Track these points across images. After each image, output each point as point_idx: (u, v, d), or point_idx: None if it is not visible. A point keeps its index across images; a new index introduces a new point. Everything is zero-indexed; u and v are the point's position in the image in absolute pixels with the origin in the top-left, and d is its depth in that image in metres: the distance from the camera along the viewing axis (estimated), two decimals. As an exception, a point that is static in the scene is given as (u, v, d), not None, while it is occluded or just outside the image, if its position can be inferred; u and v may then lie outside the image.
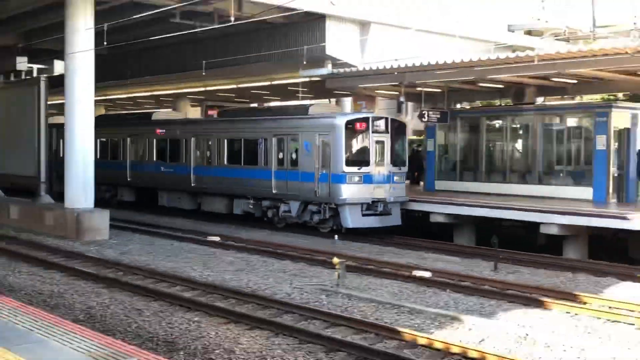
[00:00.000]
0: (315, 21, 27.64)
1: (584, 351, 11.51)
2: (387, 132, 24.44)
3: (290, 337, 12.17)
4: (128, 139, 33.21)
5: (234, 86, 37.36)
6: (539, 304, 14.66)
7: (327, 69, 27.95)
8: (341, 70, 27.25)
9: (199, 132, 30.05)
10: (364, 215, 23.75)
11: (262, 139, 26.21)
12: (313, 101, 33.46)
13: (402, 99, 27.04)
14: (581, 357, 11.26)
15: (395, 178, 24.47)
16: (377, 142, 24.21)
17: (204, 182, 28.93)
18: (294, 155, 25.09)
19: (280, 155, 25.41)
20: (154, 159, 32.06)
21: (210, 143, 29.05)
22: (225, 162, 28.08)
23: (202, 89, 42.26)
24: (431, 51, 29.26)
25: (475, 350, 11.12)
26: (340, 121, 23.90)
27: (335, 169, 23.54)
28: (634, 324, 13.21)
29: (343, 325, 12.94)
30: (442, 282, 16.80)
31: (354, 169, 23.59)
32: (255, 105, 44.77)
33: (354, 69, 26.96)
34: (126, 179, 33.24)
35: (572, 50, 19.73)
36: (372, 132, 24.12)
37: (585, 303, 14.82)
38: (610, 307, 14.41)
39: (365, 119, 24.27)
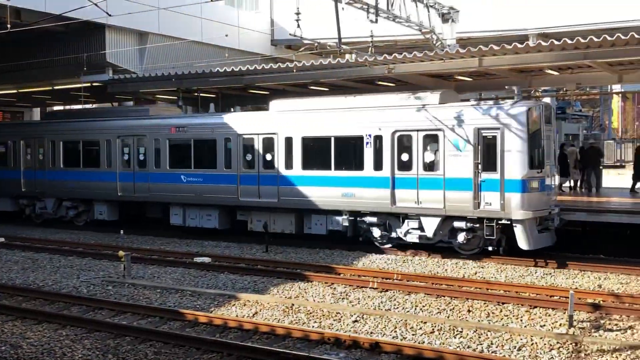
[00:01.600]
0: (95, 30, 26.41)
1: (339, 314, 12.33)
2: (551, 124, 18.18)
3: (78, 327, 11.60)
4: None
5: (15, 91, 34.26)
6: (303, 278, 15.39)
7: (108, 75, 26.83)
8: (122, 76, 26.28)
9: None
10: (539, 232, 17.07)
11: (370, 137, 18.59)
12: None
13: (180, 102, 26.74)
14: (337, 318, 12.04)
15: (551, 183, 17.98)
16: (547, 137, 17.75)
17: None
18: (431, 157, 17.70)
19: (405, 158, 18.04)
20: None
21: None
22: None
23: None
24: (205, 60, 29.34)
25: (249, 322, 11.42)
26: (518, 110, 16.80)
27: (511, 173, 16.73)
28: (376, 288, 14.38)
29: (130, 312, 12.60)
30: (221, 265, 16.96)
31: (534, 172, 16.88)
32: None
33: (134, 75, 26.15)
34: None
35: (324, 62, 20.88)
36: (545, 123, 17.50)
37: (340, 274, 15.83)
38: (359, 276, 15.54)
39: (543, 107, 17.64)
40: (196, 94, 26.04)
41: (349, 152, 19.08)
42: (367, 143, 18.53)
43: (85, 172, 24.46)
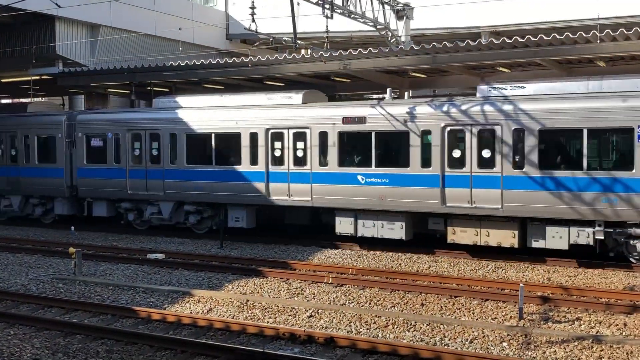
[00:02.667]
0: (44, 22, 25.71)
1: (294, 309, 12.33)
2: None
3: (27, 326, 11.31)
4: None
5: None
6: (259, 274, 15.33)
7: (58, 68, 26.17)
8: (72, 69, 25.68)
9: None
10: None
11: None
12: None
13: (133, 97, 26.29)
14: (292, 314, 12.04)
15: None
16: None
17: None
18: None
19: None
20: None
21: None
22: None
23: None
24: (158, 53, 28.92)
25: (203, 318, 11.32)
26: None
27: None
28: (331, 283, 14.44)
29: (81, 310, 12.36)
30: (175, 262, 16.76)
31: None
32: None
33: (85, 69, 25.58)
34: None
35: (279, 57, 20.81)
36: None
37: (295, 269, 15.83)
38: (314, 271, 15.57)
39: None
40: (149, 87, 25.66)
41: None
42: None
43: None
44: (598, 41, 16.73)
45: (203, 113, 20.40)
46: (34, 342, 10.44)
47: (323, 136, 18.45)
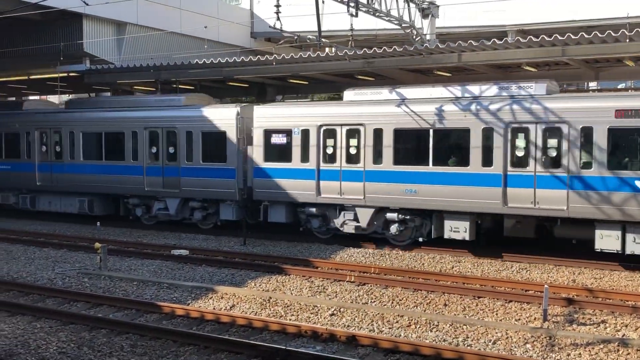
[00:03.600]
0: (72, 19, 26.05)
1: (316, 307, 12.35)
2: None
3: (53, 319, 11.49)
4: None
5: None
6: (281, 271, 15.39)
7: (85, 65, 26.50)
8: (99, 66, 25.99)
9: None
10: None
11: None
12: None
13: (158, 94, 26.52)
14: (314, 312, 12.06)
15: None
16: None
17: None
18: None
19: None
20: None
21: None
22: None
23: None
24: (184, 51, 29.15)
25: (226, 315, 11.40)
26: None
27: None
28: (353, 282, 14.44)
29: (106, 305, 12.51)
30: (198, 258, 16.89)
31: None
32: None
33: (112, 66, 25.88)
34: None
35: (303, 55, 20.85)
36: None
37: (317, 267, 15.86)
38: (336, 270, 15.58)
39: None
40: (174, 85, 25.87)
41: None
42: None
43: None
44: (627, 40, 16.48)
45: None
46: (59, 336, 10.60)
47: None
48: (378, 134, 17.99)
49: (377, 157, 18.00)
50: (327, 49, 21.32)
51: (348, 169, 18.48)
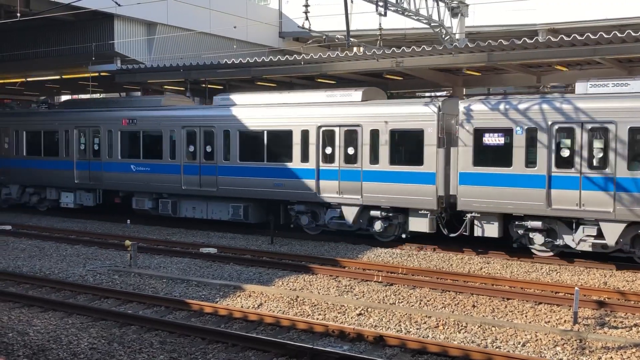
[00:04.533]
0: (103, 20, 26.44)
1: (344, 307, 12.34)
2: None
3: (84, 316, 11.67)
4: None
5: (23, 80, 34.40)
6: (308, 270, 15.41)
7: (116, 65, 26.86)
8: (130, 66, 26.32)
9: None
10: None
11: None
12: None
13: (188, 94, 26.76)
14: (341, 311, 12.06)
15: None
16: None
17: None
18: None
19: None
20: None
21: None
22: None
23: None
24: (213, 51, 29.37)
25: (254, 313, 11.45)
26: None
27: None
28: (381, 282, 14.40)
29: (135, 302, 12.66)
30: (226, 256, 17.01)
31: None
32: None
33: (142, 66, 26.19)
34: None
35: (332, 55, 20.85)
36: None
37: (345, 267, 15.84)
38: (364, 269, 15.55)
39: None
40: (203, 85, 26.07)
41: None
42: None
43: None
44: (661, 39, 16.17)
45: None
46: (90, 332, 10.76)
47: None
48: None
49: None
50: (355, 49, 21.29)
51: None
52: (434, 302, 12.76)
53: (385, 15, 19.49)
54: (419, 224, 17.79)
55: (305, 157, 19.43)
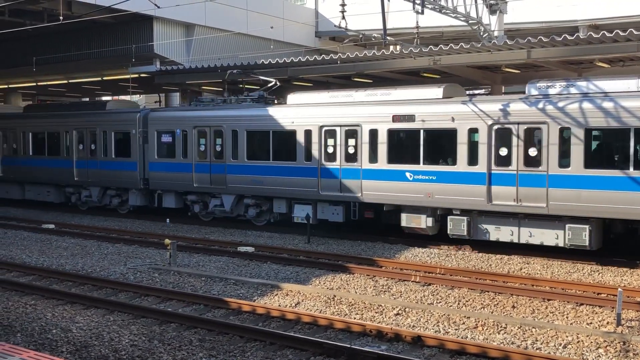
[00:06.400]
0: (143, 22, 26.87)
1: (381, 306, 12.29)
2: None
3: (125, 313, 11.86)
4: None
5: (65, 81, 35.20)
6: (345, 270, 15.40)
7: (156, 66, 27.27)
8: (169, 67, 26.69)
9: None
10: None
11: None
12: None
13: (226, 94, 27.00)
14: (378, 311, 12.02)
15: None
16: None
17: None
18: None
19: None
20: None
21: None
22: None
23: (33, 84, 39.32)
24: (250, 51, 29.57)
25: (292, 312, 11.49)
26: None
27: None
28: (418, 282, 14.30)
29: (175, 299, 12.82)
30: (264, 255, 17.10)
31: None
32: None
33: (181, 67, 26.53)
34: None
35: (368, 54, 20.79)
36: None
37: (382, 267, 15.78)
38: (401, 269, 15.46)
39: None
40: (241, 85, 26.26)
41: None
42: None
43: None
44: None
45: None
46: (131, 329, 10.93)
47: None
48: None
49: None
50: (392, 47, 21.17)
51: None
52: (473, 302, 12.61)
53: (422, 13, 19.34)
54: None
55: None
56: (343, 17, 17.65)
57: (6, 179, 28.72)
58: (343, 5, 17.52)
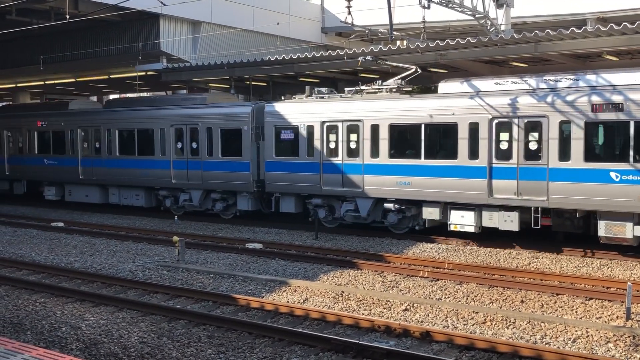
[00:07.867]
0: (149, 20, 26.90)
1: (389, 302, 12.29)
2: None
3: (134, 310, 11.91)
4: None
5: (73, 80, 35.32)
6: (353, 266, 15.40)
7: (162, 64, 27.31)
8: (175, 65, 26.73)
9: None
10: None
11: None
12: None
13: (232, 91, 27.04)
14: (387, 307, 12.01)
15: None
16: None
17: None
18: None
19: None
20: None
21: None
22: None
23: (41, 82, 39.49)
24: (256, 48, 29.57)
25: (300, 308, 11.50)
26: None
27: None
28: (427, 277, 14.28)
29: (183, 296, 12.86)
30: (272, 252, 17.12)
31: None
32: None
33: (187, 64, 26.57)
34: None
35: (375, 49, 20.73)
36: None
37: (390, 262, 15.77)
38: (409, 265, 15.45)
39: None
40: (247, 82, 26.28)
41: None
42: None
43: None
44: None
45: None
46: (140, 326, 10.98)
47: None
48: None
49: None
50: (398, 42, 21.10)
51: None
52: (481, 297, 12.59)
53: (428, 7, 19.28)
54: None
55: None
56: (349, 13, 17.62)
57: (87, 182, 26.33)
58: (349, 0, 17.48)
